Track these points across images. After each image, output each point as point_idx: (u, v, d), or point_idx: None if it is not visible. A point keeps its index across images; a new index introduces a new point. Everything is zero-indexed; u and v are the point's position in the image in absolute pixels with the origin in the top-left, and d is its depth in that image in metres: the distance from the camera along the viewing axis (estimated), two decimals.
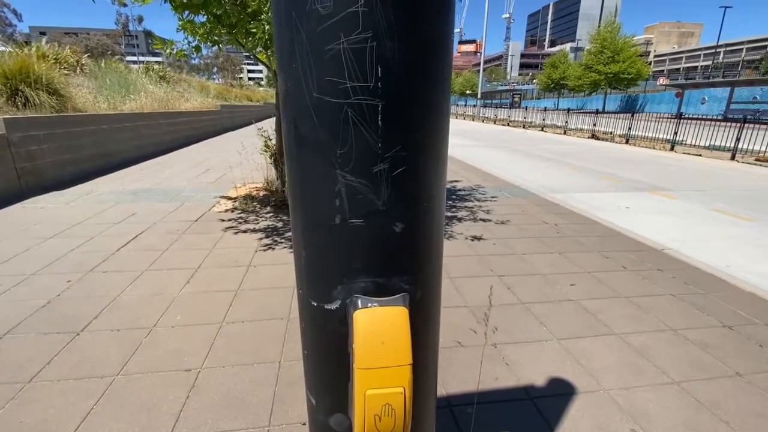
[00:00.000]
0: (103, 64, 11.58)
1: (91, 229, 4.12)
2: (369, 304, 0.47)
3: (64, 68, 9.36)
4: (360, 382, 0.45)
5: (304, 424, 1.72)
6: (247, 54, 4.80)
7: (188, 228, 4.25)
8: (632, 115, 15.12)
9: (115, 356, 2.14)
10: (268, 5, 3.68)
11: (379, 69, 0.40)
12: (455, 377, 2.02)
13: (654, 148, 13.17)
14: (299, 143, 0.45)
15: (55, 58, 9.28)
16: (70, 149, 6.55)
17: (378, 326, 0.46)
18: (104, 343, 2.25)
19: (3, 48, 9.77)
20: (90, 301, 2.69)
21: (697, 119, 13.04)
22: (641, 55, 34.96)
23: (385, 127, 0.42)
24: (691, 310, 2.74)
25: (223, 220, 4.54)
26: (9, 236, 3.86)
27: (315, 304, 0.51)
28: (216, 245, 3.77)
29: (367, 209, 0.45)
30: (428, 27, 0.42)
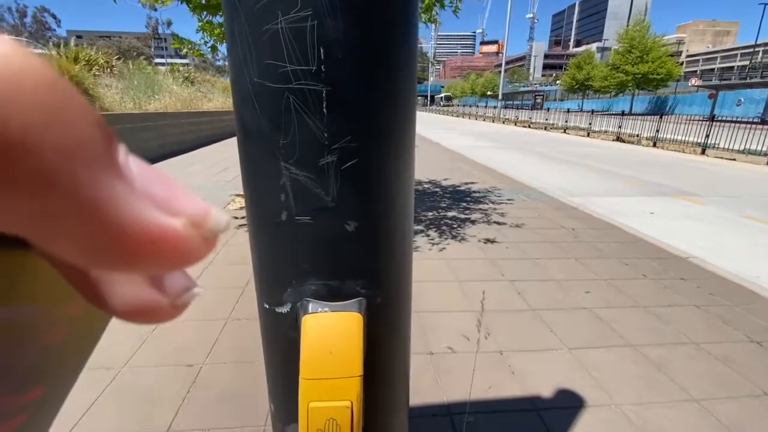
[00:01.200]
0: (131, 66, 11.99)
1: None
2: (319, 309, 0.44)
3: (95, 70, 9.75)
4: (304, 393, 0.41)
5: None
6: None
7: None
8: (661, 117, 14.54)
9: (123, 348, 2.17)
10: None
11: (322, 51, 0.36)
12: (458, 384, 1.96)
13: (683, 152, 12.63)
14: (244, 133, 0.42)
15: (86, 60, 9.68)
16: None
17: (327, 333, 0.42)
18: (113, 335, 2.29)
19: (40, 51, 10.27)
20: None
21: (732, 122, 12.44)
22: (672, 55, 33.64)
23: (331, 116, 0.38)
24: (716, 323, 2.58)
25: (236, 218, 4.59)
26: None
27: (267, 307, 0.48)
28: (228, 242, 3.81)
29: (314, 206, 0.41)
30: (381, 5, 0.38)
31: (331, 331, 0.42)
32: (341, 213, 0.42)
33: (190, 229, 0.12)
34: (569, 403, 1.86)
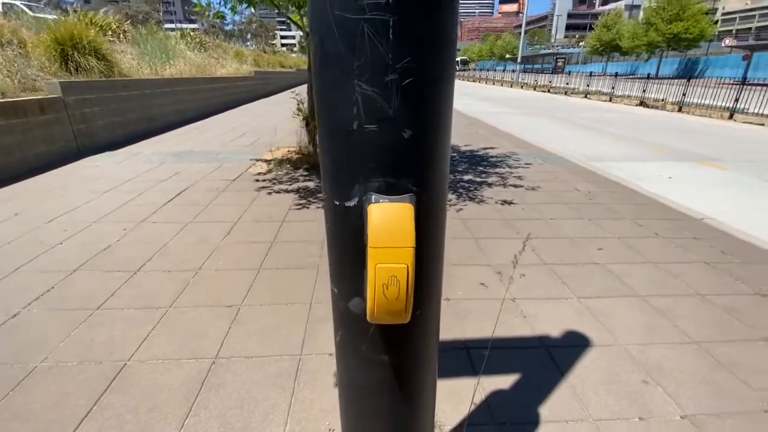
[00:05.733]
0: (144, 31, 11.92)
1: (141, 186, 4.46)
2: (381, 200, 0.57)
3: (109, 35, 9.76)
4: (372, 258, 0.55)
5: (331, 354, 1.91)
6: (281, 20, 4.83)
7: (227, 186, 4.50)
8: (688, 81, 13.87)
9: (168, 292, 2.40)
10: None
11: None
12: (474, 325, 2.13)
13: (710, 117, 12.15)
14: (323, 57, 0.53)
15: (100, 25, 9.67)
16: (118, 112, 6.95)
17: (387, 216, 0.55)
18: (157, 281, 2.53)
19: (52, 16, 10.27)
20: (143, 247, 2.98)
21: (766, 85, 11.79)
22: (707, 13, 31.31)
23: (395, 41, 0.49)
24: (724, 278, 2.67)
25: (258, 180, 4.76)
26: (72, 190, 4.27)
27: (337, 203, 0.61)
28: (253, 202, 4.00)
29: (379, 116, 0.53)
30: None
31: (391, 214, 0.55)
32: (399, 122, 0.54)
33: None
34: (576, 343, 2.01)
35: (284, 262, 2.79)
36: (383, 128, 0.54)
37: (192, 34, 15.86)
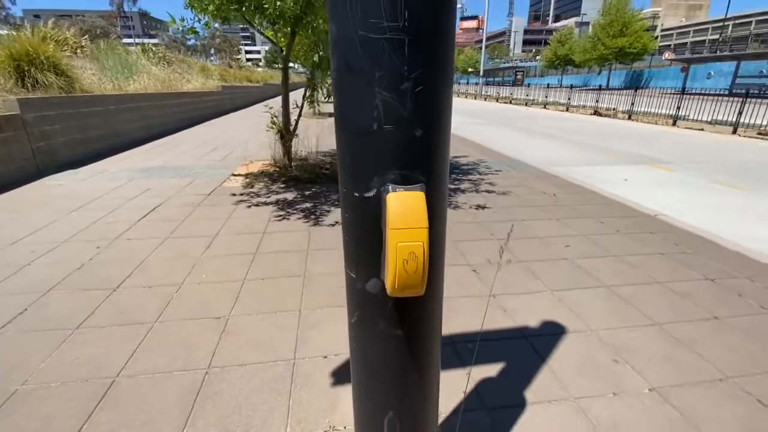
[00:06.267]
0: (103, 46, 11.55)
1: (110, 203, 4.33)
2: (398, 189, 0.67)
3: (65, 50, 9.40)
4: (392, 238, 0.64)
5: (326, 357, 1.96)
6: (245, 34, 4.89)
7: (202, 201, 4.45)
8: (635, 91, 15.02)
9: (151, 307, 2.37)
10: None
11: (407, 13, 0.57)
12: (458, 322, 2.24)
13: (656, 124, 13.16)
14: (347, 70, 0.63)
15: (56, 41, 9.31)
16: (80, 129, 6.70)
17: (404, 202, 0.65)
18: (139, 297, 2.48)
19: (3, 32, 9.78)
20: (120, 264, 2.91)
21: (702, 94, 12.96)
22: (648, 30, 34.21)
23: (409, 55, 0.60)
24: (678, 267, 2.94)
25: (234, 194, 4.73)
26: (35, 210, 4.08)
27: (357, 195, 0.70)
28: (231, 216, 3.97)
29: (396, 117, 0.63)
30: None
31: (407, 201, 0.65)
32: (413, 122, 0.64)
33: None
34: (553, 331, 2.17)
35: (269, 272, 2.81)
36: (399, 128, 0.64)
37: (154, 49, 15.51)
